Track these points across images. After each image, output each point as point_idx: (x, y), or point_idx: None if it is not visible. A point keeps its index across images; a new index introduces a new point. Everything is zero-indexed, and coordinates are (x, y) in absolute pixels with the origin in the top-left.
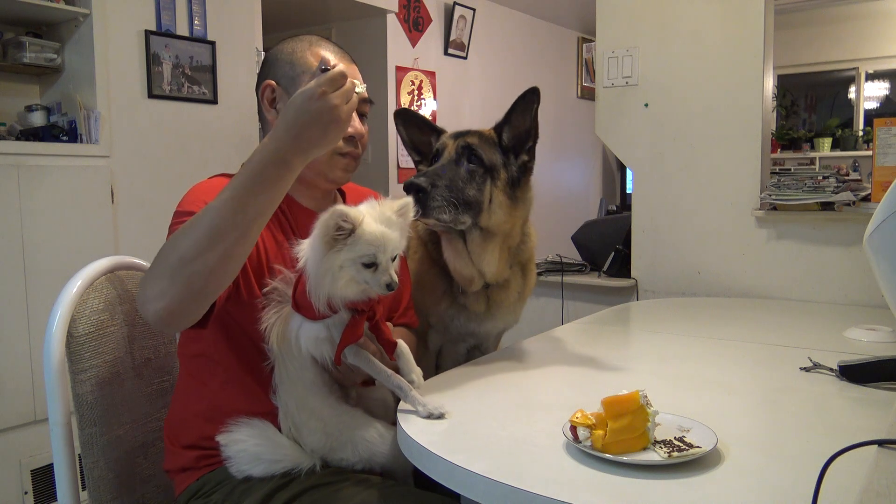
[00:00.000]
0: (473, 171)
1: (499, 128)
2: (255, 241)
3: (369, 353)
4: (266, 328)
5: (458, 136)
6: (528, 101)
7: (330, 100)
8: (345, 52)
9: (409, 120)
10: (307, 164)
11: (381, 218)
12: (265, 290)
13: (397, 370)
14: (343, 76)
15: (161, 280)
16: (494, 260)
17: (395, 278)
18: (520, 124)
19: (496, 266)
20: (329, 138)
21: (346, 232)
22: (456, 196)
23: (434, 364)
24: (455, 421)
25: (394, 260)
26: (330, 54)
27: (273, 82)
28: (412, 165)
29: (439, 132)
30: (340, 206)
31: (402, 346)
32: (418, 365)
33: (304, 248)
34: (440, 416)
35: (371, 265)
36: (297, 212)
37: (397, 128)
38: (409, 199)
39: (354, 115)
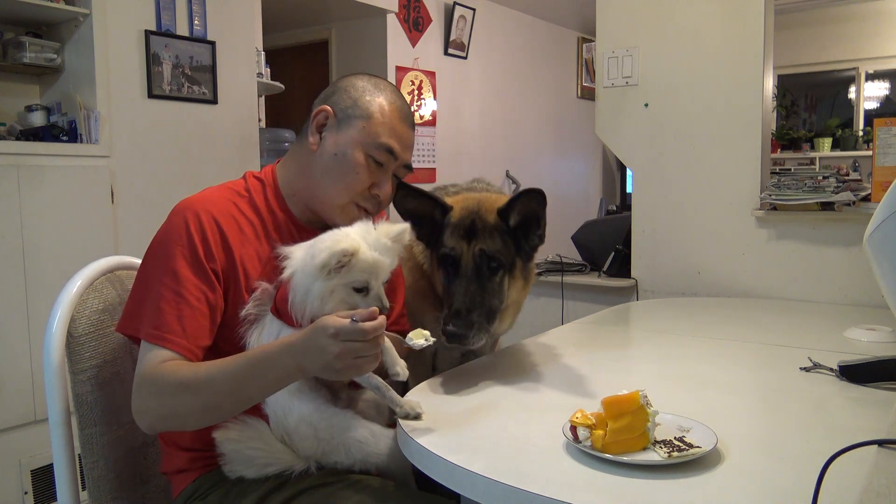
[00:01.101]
0: (493, 277)
1: (504, 213)
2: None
3: None
4: (248, 339)
5: (469, 235)
6: (533, 199)
7: (334, 346)
8: (407, 111)
9: (407, 193)
10: (318, 203)
11: (377, 245)
12: (244, 312)
13: (380, 368)
14: (361, 334)
15: (152, 412)
16: (507, 324)
17: (386, 303)
18: (525, 208)
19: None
20: (329, 376)
21: (343, 263)
22: (487, 315)
23: (431, 366)
24: (455, 421)
25: (385, 283)
26: (398, 121)
27: (330, 109)
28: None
29: (440, 204)
30: (342, 243)
31: (386, 342)
32: (414, 368)
33: (295, 262)
34: (416, 417)
35: (362, 290)
36: (302, 233)
37: (395, 203)
38: (407, 226)
39: (387, 178)
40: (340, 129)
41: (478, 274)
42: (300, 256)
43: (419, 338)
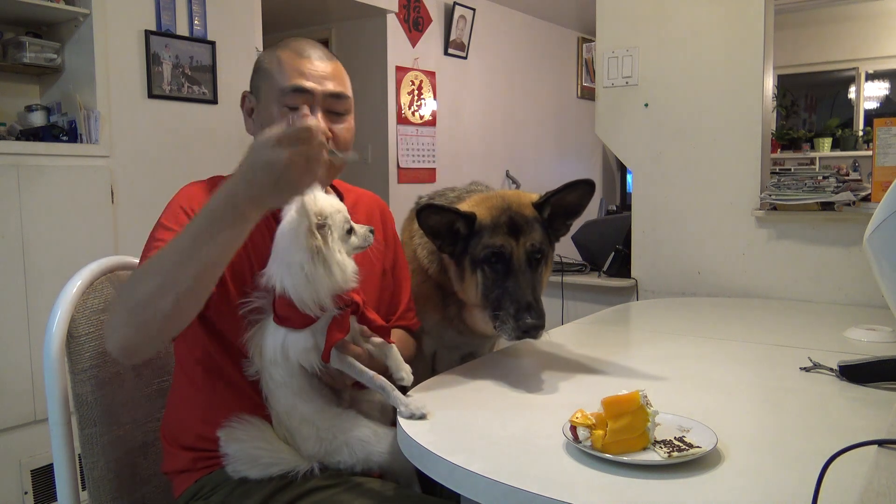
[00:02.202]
0: (538, 269)
1: (540, 206)
2: (211, 288)
3: (351, 357)
4: (249, 343)
5: (514, 231)
6: (583, 192)
7: (281, 153)
8: (305, 47)
9: (431, 211)
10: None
11: (322, 200)
12: (247, 307)
13: (385, 371)
14: (306, 131)
15: (118, 320)
16: None
17: (371, 226)
18: (563, 202)
19: None
20: (283, 194)
21: (324, 222)
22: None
23: (430, 368)
24: (455, 421)
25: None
26: (295, 59)
27: (248, 90)
28: (412, 165)
29: (462, 214)
30: (304, 204)
31: (392, 346)
32: (414, 369)
33: (273, 269)
34: (422, 417)
35: (349, 231)
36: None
37: (421, 223)
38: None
39: (320, 115)
40: (259, 102)
41: (530, 267)
42: (276, 264)
43: None
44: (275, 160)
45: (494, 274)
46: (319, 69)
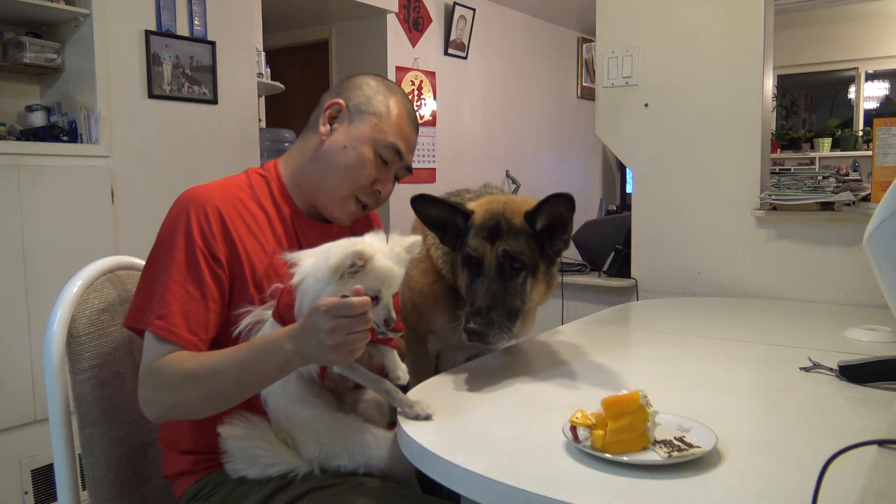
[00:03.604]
0: (516, 278)
1: (531, 216)
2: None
3: (354, 361)
4: None
5: (492, 236)
6: (561, 204)
7: (330, 339)
8: (415, 116)
9: (427, 203)
10: (321, 193)
11: (391, 254)
12: (242, 326)
13: (381, 369)
14: (350, 308)
15: (158, 403)
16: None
17: (394, 314)
18: (553, 212)
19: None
20: (327, 357)
21: (357, 268)
22: (509, 315)
23: (433, 367)
24: (455, 421)
25: (394, 294)
26: (405, 122)
27: (343, 102)
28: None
29: (461, 210)
30: (357, 246)
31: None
32: (418, 367)
33: (306, 268)
34: (427, 418)
35: (372, 298)
36: (305, 226)
37: (417, 212)
38: (419, 239)
39: (390, 176)
40: (353, 123)
41: (500, 274)
42: (311, 263)
43: None
44: (319, 325)
45: (471, 274)
46: (413, 142)
